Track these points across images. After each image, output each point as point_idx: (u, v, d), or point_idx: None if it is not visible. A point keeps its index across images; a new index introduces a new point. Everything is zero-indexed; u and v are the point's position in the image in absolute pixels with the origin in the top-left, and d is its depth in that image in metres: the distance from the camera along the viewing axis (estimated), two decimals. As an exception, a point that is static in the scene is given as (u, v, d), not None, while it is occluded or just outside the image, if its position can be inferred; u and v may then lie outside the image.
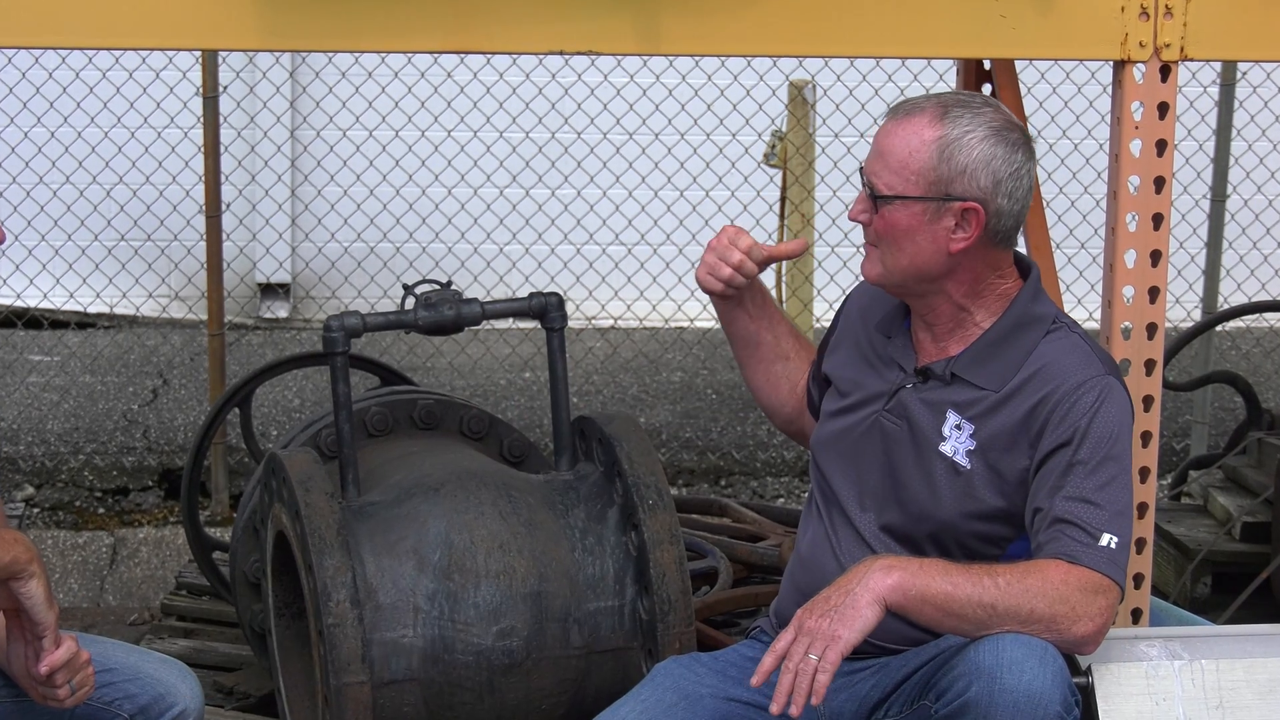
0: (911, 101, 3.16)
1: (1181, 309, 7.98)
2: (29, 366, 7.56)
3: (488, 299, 3.72)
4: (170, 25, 3.35)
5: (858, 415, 3.28)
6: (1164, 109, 3.49)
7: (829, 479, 3.30)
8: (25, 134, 7.67)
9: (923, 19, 3.46)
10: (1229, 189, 6.54)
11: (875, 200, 3.13)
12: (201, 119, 6.19)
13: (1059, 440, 3.06)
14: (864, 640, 2.93)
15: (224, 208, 6.57)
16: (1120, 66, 3.50)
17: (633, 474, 3.57)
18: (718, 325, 8.02)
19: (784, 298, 6.86)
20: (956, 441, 3.15)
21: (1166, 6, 3.46)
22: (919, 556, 3.06)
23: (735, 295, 3.37)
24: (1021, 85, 4.03)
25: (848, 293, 3.48)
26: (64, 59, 7.78)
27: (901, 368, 3.25)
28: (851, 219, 3.19)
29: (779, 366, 3.48)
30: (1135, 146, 3.50)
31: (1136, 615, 3.60)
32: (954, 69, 4.18)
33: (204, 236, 6.32)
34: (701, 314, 8.11)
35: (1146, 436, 3.54)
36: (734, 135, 8.02)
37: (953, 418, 3.16)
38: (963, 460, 3.14)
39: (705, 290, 3.36)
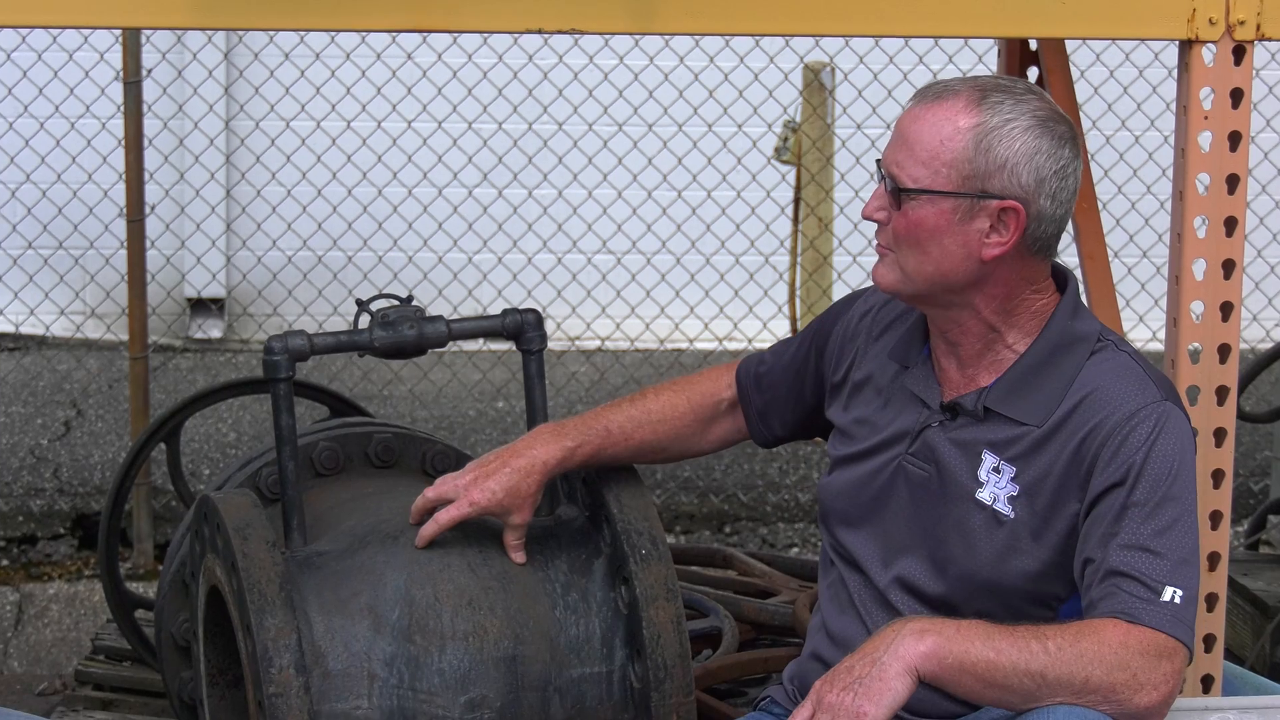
0: (943, 83, 3.15)
1: (1259, 328, 8.00)
2: (-79, 395, 7.57)
3: (454, 316, 3.73)
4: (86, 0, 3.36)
5: (875, 461, 3.27)
6: (1238, 96, 3.50)
7: (844, 538, 3.29)
8: (-83, 125, 7.70)
9: (958, -9, 3.48)
10: (1314, 188, 6.57)
11: (897, 195, 3.13)
12: (122, 107, 6.21)
13: (1111, 480, 3.05)
14: (894, 717, 2.93)
15: (148, 210, 6.58)
16: (1187, 47, 3.51)
17: (623, 519, 3.57)
18: (720, 347, 8.09)
19: (799, 315, 6.88)
20: (996, 487, 3.15)
21: (1240, -22, 3.48)
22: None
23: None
24: (1073, 69, 4.04)
25: (838, 301, 3.45)
26: (-38, 38, 7.81)
27: (924, 403, 3.24)
28: (866, 217, 3.16)
29: (677, 443, 3.58)
30: (1205, 139, 3.51)
31: (1208, 683, 3.60)
32: (995, 50, 4.20)
33: (125, 244, 6.33)
34: (702, 334, 8.13)
35: (1219, 475, 3.55)
36: (740, 127, 8.05)
37: (989, 459, 3.16)
38: (1004, 508, 3.14)
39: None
